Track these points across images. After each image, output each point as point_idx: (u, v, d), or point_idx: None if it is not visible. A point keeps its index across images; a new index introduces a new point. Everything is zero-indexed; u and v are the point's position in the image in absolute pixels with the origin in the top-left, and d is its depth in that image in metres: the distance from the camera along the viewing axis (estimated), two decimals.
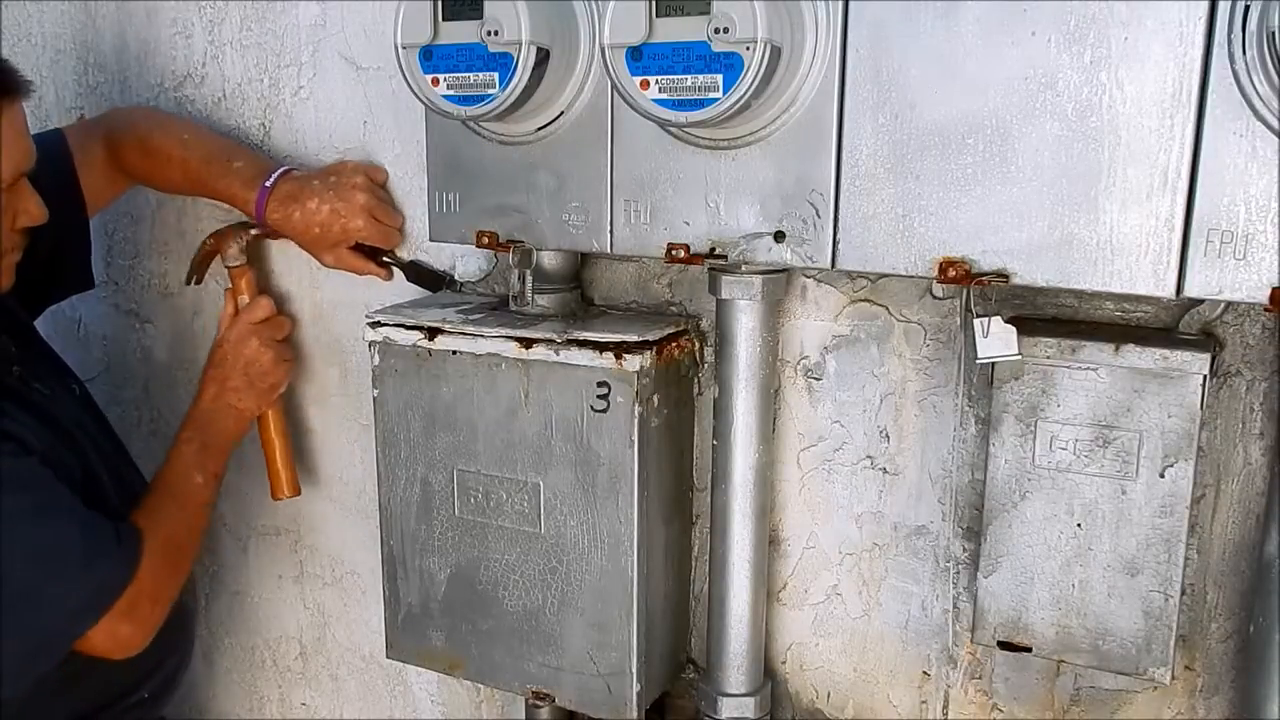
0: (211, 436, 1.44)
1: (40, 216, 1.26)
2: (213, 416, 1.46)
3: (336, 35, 1.49)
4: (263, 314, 1.51)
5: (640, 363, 1.21)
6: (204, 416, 1.45)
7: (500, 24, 1.09)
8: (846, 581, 1.37)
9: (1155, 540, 1.11)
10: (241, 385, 1.47)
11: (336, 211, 1.42)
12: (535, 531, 1.30)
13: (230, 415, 1.47)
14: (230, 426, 1.47)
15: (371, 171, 1.47)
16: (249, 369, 1.48)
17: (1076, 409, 1.11)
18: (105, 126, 1.52)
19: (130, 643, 1.27)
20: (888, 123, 1.04)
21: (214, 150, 1.50)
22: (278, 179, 1.44)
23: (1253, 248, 0.93)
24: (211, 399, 1.46)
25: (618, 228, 1.20)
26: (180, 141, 1.51)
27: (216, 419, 1.46)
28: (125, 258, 1.77)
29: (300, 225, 1.43)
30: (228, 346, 1.48)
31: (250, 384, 1.48)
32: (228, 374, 1.47)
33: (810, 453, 1.35)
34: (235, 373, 1.47)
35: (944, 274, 1.04)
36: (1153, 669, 1.14)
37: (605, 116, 1.18)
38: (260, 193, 1.44)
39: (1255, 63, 0.89)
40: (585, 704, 1.34)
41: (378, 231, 1.45)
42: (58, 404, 1.32)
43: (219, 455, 1.45)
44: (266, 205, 1.44)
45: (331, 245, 1.45)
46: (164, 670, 1.43)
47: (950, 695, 1.34)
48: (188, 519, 1.38)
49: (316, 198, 1.42)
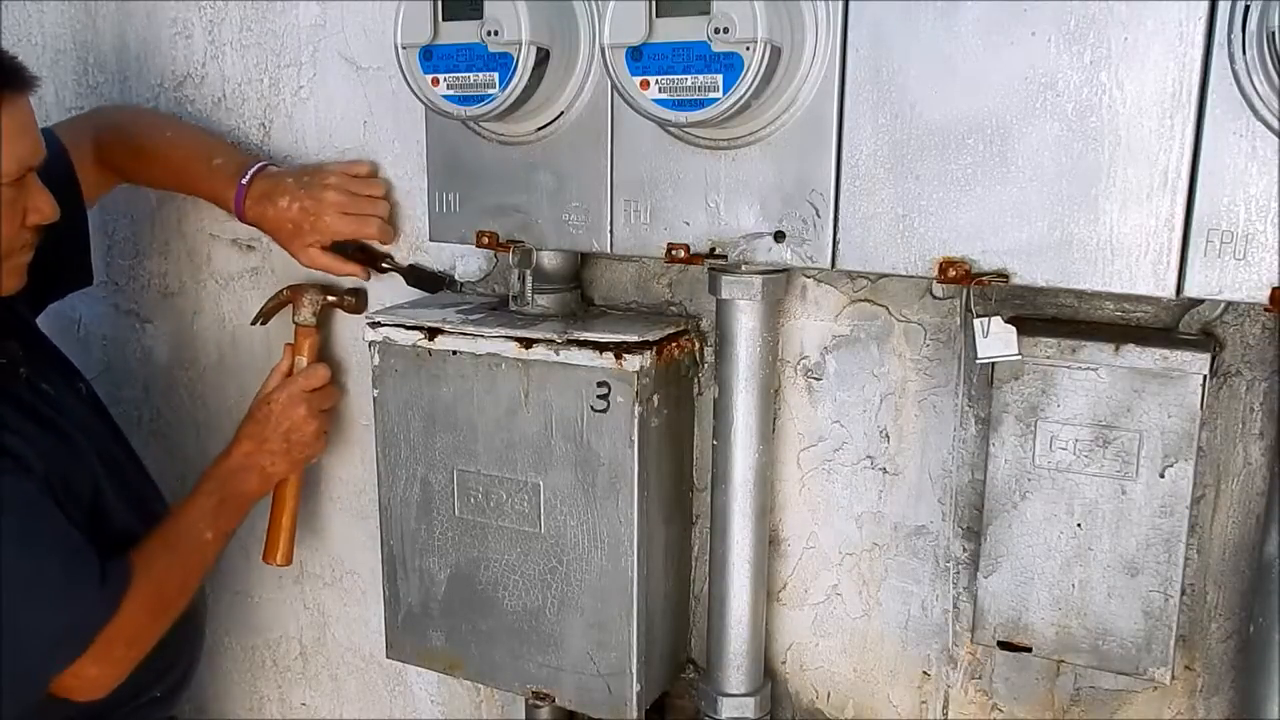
0: (232, 493, 1.41)
1: (52, 214, 1.24)
2: (240, 474, 1.42)
3: (336, 35, 1.49)
4: (319, 382, 1.48)
5: (640, 363, 1.21)
6: (231, 472, 1.42)
7: (500, 24, 1.09)
8: (846, 581, 1.37)
9: (1155, 540, 1.11)
10: (279, 449, 1.44)
11: (306, 210, 1.42)
12: (535, 531, 1.30)
13: (257, 476, 1.43)
14: (254, 487, 1.44)
15: (348, 168, 1.47)
16: (291, 434, 1.44)
17: (1076, 409, 1.11)
18: (93, 124, 1.52)
19: (97, 685, 1.24)
20: (888, 123, 1.04)
21: (197, 148, 1.51)
22: (253, 176, 1.45)
23: (1253, 248, 0.93)
24: (244, 455, 1.43)
25: (618, 228, 1.20)
26: (165, 140, 1.52)
27: (243, 477, 1.42)
28: (125, 258, 1.77)
29: (274, 222, 1.43)
30: (276, 406, 1.44)
31: (288, 450, 1.45)
32: (268, 434, 1.43)
33: (810, 453, 1.35)
34: (276, 435, 1.43)
35: (944, 274, 1.04)
36: (1153, 669, 1.14)
37: (605, 116, 1.18)
38: (238, 190, 1.44)
39: (1255, 63, 0.89)
40: (585, 704, 1.34)
41: (351, 224, 1.44)
42: (64, 405, 1.32)
43: (235, 514, 1.42)
44: (245, 202, 1.44)
45: (305, 244, 1.44)
46: (177, 669, 1.43)
47: (950, 695, 1.34)
48: (184, 574, 1.34)
49: (288, 195, 1.43)
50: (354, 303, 1.54)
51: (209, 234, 1.68)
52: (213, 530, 1.37)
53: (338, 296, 1.55)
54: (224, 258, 1.69)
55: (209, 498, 1.38)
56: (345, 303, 1.55)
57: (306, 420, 1.45)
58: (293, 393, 1.45)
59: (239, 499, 1.42)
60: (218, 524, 1.38)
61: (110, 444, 1.41)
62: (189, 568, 1.35)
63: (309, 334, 1.53)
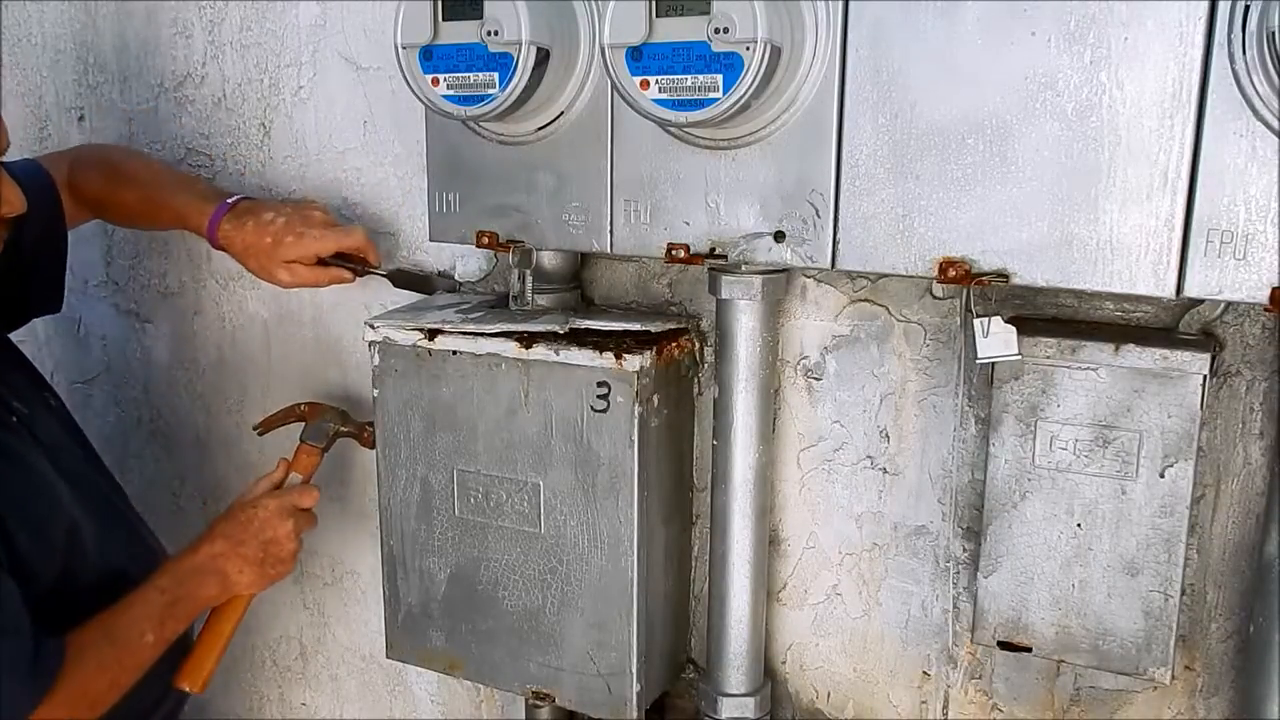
0: (186, 595, 1.29)
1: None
2: (201, 576, 1.31)
3: (336, 35, 1.49)
4: (309, 503, 1.40)
5: (640, 363, 1.21)
6: (192, 572, 1.31)
7: (500, 24, 1.09)
8: (846, 581, 1.37)
9: (1155, 540, 1.11)
10: (253, 557, 1.34)
11: (291, 223, 1.38)
12: (535, 531, 1.30)
13: (218, 582, 1.33)
14: (212, 593, 1.33)
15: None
16: (270, 546, 1.35)
17: (1076, 409, 1.11)
18: (70, 156, 1.50)
19: None
20: (888, 123, 1.04)
21: (174, 174, 1.51)
22: (239, 199, 1.43)
23: (1253, 248, 0.93)
24: (212, 556, 1.32)
25: (618, 228, 1.20)
26: (143, 164, 1.51)
27: (203, 580, 1.31)
28: (125, 258, 1.77)
29: (252, 235, 1.38)
30: (262, 512, 1.35)
31: (262, 561, 1.35)
32: (246, 539, 1.34)
33: (810, 453, 1.35)
34: (255, 542, 1.34)
35: (944, 274, 1.04)
36: (1153, 669, 1.14)
37: (605, 116, 1.18)
38: (220, 207, 1.41)
39: (1255, 63, 0.89)
40: (585, 704, 1.34)
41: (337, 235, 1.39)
42: (37, 424, 1.27)
43: (184, 619, 1.30)
44: (221, 219, 1.40)
45: (286, 259, 1.38)
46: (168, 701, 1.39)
47: (950, 695, 1.34)
48: (115, 674, 1.22)
49: (273, 210, 1.40)
50: (372, 435, 1.42)
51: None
52: (155, 634, 1.25)
53: (355, 427, 1.48)
54: (224, 257, 1.67)
55: (161, 595, 1.27)
56: (365, 435, 1.46)
57: (289, 537, 1.36)
58: (284, 504, 1.37)
59: (191, 603, 1.31)
60: (163, 627, 1.26)
61: (83, 466, 1.35)
62: (122, 668, 1.23)
63: (312, 454, 1.46)
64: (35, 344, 1.83)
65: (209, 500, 1.82)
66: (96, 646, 1.20)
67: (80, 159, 1.49)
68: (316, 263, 1.40)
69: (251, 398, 1.73)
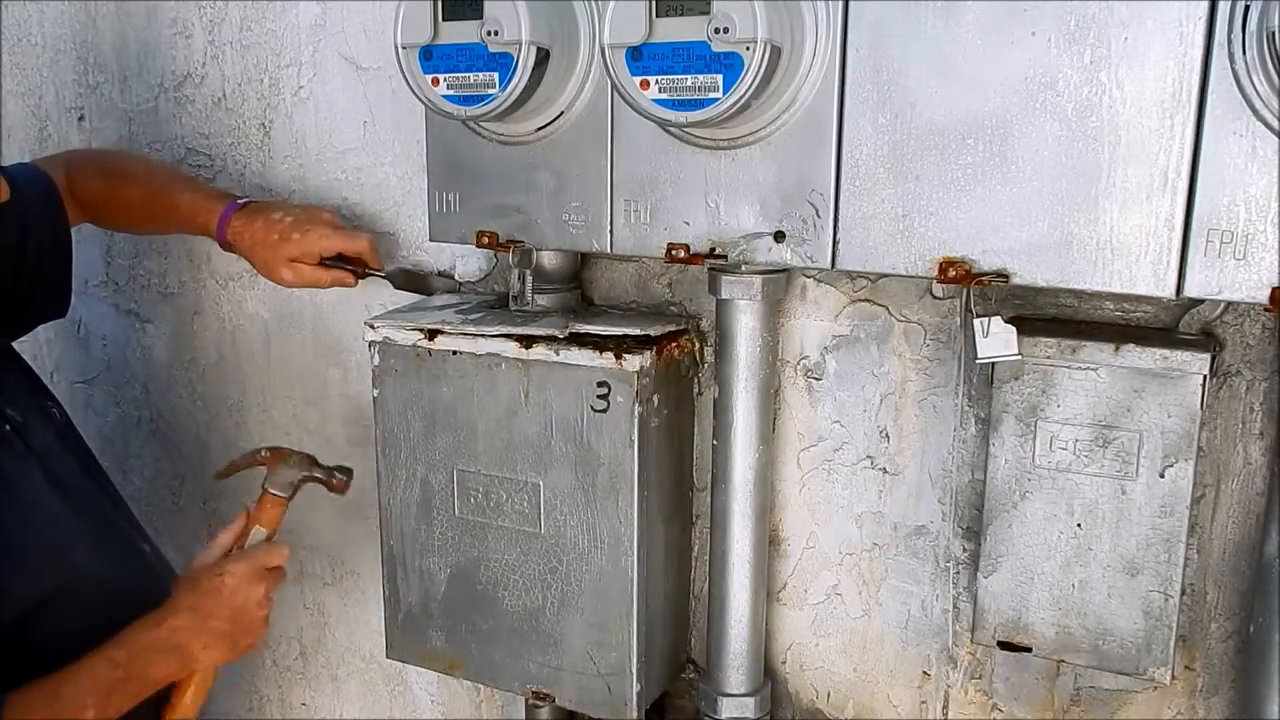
0: (138, 674, 1.17)
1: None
2: (158, 655, 1.19)
3: (336, 35, 1.49)
4: (279, 563, 1.29)
5: (640, 363, 1.21)
6: (148, 648, 1.18)
7: (500, 24, 1.09)
8: (846, 581, 1.37)
9: (1155, 540, 1.11)
10: (222, 630, 1.22)
11: (299, 221, 1.39)
12: (535, 531, 1.30)
13: (178, 659, 1.20)
14: (169, 672, 1.21)
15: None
16: (240, 616, 1.23)
17: (1076, 409, 1.11)
18: (65, 159, 1.48)
19: None
20: (888, 123, 1.04)
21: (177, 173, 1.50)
22: (250, 199, 1.44)
23: (1252, 248, 0.93)
24: (173, 630, 1.19)
25: (618, 228, 1.20)
26: (142, 163, 1.50)
27: (159, 660, 1.19)
28: (125, 258, 1.77)
29: (260, 231, 1.38)
30: (230, 580, 1.23)
31: (229, 635, 1.22)
32: (215, 610, 1.21)
33: (810, 453, 1.35)
34: (224, 612, 1.22)
35: (944, 274, 1.04)
36: (1153, 669, 1.14)
37: (605, 116, 1.18)
38: (231, 205, 1.41)
39: (1255, 63, 0.89)
40: (585, 704, 1.34)
41: (343, 237, 1.40)
42: (31, 432, 1.22)
43: (133, 697, 1.17)
44: (232, 216, 1.40)
45: (290, 256, 1.38)
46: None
47: (950, 695, 1.34)
48: None
49: (282, 210, 1.41)
50: (342, 482, 1.37)
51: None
52: (98, 709, 1.13)
53: (324, 473, 1.37)
54: (224, 258, 1.68)
55: (112, 669, 1.15)
56: (334, 482, 1.37)
57: (260, 604, 1.25)
58: (253, 567, 1.25)
59: (142, 682, 1.18)
60: (108, 704, 1.15)
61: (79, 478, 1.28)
62: None
63: (278, 505, 1.34)
64: (35, 344, 1.83)
65: (209, 500, 1.82)
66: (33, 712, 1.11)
67: (76, 161, 1.48)
68: (320, 264, 1.40)
69: (251, 398, 1.73)
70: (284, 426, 1.70)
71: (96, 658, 1.16)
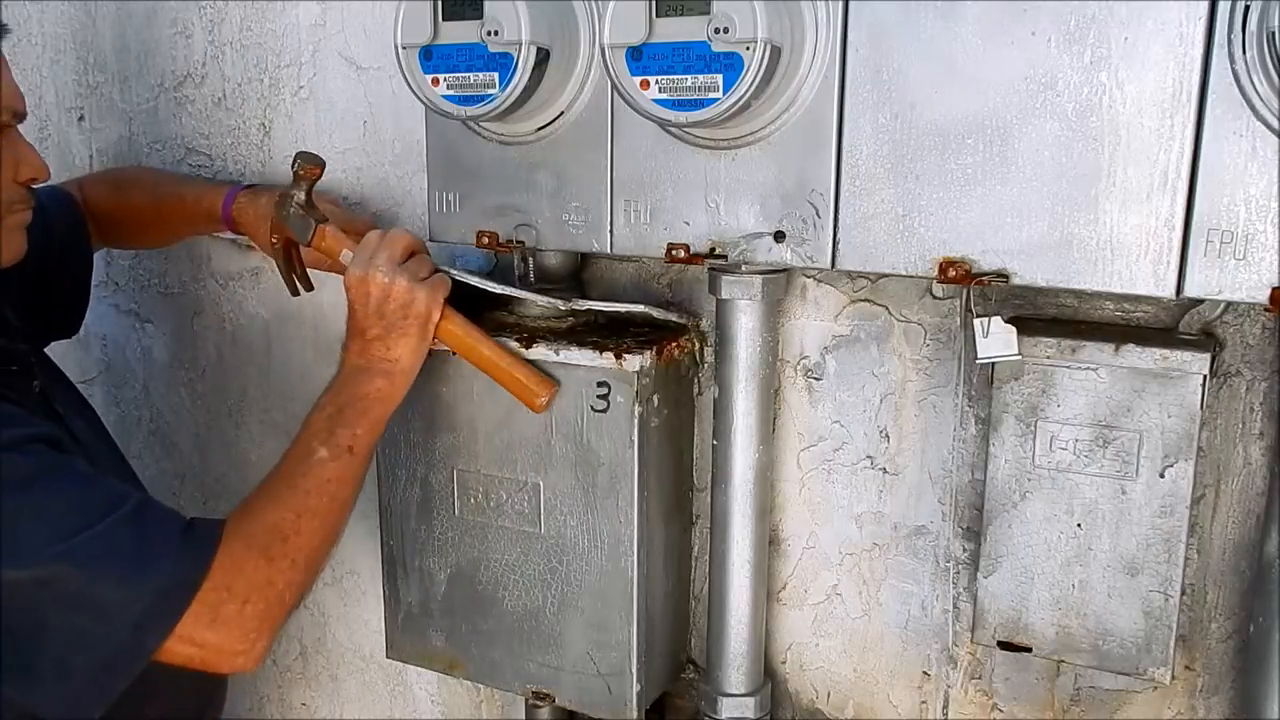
0: (351, 398, 1.18)
1: (42, 169, 1.18)
2: (356, 375, 1.20)
3: (336, 35, 1.49)
4: (371, 249, 1.21)
5: (640, 363, 1.21)
6: (346, 377, 1.21)
7: (500, 24, 1.09)
8: (846, 581, 1.37)
9: (1155, 540, 1.11)
10: (380, 331, 1.20)
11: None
12: (535, 531, 1.30)
13: (379, 373, 1.20)
14: (381, 386, 1.20)
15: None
16: (382, 308, 1.19)
17: (1076, 409, 1.11)
18: (79, 180, 1.54)
19: (223, 650, 1.07)
20: (888, 123, 1.04)
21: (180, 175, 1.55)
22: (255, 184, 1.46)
23: (1253, 248, 0.93)
24: (356, 355, 1.21)
25: (618, 228, 1.20)
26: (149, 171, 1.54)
27: (360, 378, 1.20)
28: (125, 257, 1.77)
29: (265, 206, 1.36)
30: (351, 294, 1.21)
31: (388, 328, 1.19)
32: (362, 324, 1.20)
33: (810, 453, 1.35)
34: (370, 318, 1.20)
35: (944, 274, 1.04)
36: (1153, 669, 1.14)
37: (605, 116, 1.18)
38: (235, 187, 1.45)
39: (1255, 63, 0.89)
40: (585, 704, 1.34)
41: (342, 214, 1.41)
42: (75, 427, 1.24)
43: (357, 420, 1.18)
44: (237, 194, 1.43)
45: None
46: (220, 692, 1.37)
47: (950, 695, 1.34)
48: (300, 500, 1.12)
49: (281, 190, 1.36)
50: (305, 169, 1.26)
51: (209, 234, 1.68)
52: (327, 446, 1.15)
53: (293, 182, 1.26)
54: (224, 258, 1.69)
55: (320, 413, 1.18)
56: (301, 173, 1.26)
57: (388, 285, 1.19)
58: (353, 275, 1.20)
59: (360, 402, 1.18)
60: (335, 435, 1.16)
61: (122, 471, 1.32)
62: (306, 491, 1.13)
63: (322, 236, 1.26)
64: None
65: (209, 500, 1.82)
66: (266, 490, 1.14)
67: (87, 179, 1.53)
68: None
69: (251, 398, 1.73)
70: (284, 426, 1.70)
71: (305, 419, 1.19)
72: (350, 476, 1.17)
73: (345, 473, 1.16)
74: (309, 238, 1.26)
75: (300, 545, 1.11)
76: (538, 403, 1.24)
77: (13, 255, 1.17)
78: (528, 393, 1.24)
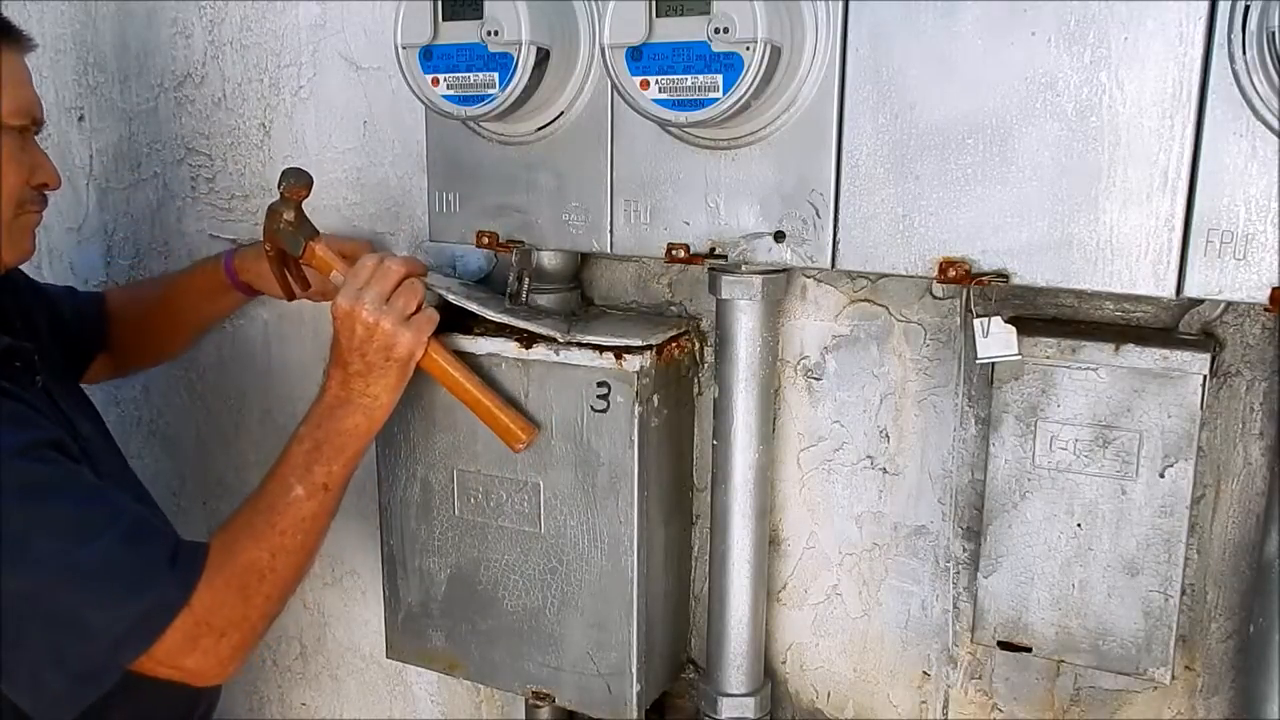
0: (328, 434, 1.19)
1: (55, 179, 1.22)
2: (334, 411, 1.20)
3: (336, 35, 1.49)
4: (362, 280, 1.20)
5: (640, 363, 1.21)
6: (323, 411, 1.21)
7: (500, 24, 1.09)
8: (846, 581, 1.37)
9: (1155, 540, 1.11)
10: (362, 368, 1.19)
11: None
12: (535, 531, 1.30)
13: (359, 409, 1.20)
14: (358, 422, 1.20)
15: None
16: (364, 348, 1.19)
17: (1076, 409, 1.11)
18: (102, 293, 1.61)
19: (201, 675, 1.12)
20: (888, 123, 1.04)
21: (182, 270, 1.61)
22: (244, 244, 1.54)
23: (1253, 248, 0.93)
24: (338, 386, 1.21)
25: (618, 228, 1.20)
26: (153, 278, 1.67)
27: (339, 413, 1.20)
28: (125, 257, 1.77)
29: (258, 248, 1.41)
30: (336, 324, 1.20)
31: (369, 366, 1.19)
32: (345, 357, 1.20)
33: (810, 453, 1.35)
34: (353, 354, 1.19)
35: (944, 274, 1.04)
36: (1153, 669, 1.14)
37: (605, 116, 1.18)
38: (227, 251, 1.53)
39: (1255, 63, 0.89)
40: (585, 704, 1.34)
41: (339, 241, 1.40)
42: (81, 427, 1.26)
43: (334, 457, 1.19)
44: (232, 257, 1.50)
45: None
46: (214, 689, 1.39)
47: (950, 695, 1.34)
48: (276, 540, 1.15)
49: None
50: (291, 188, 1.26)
51: (209, 234, 1.68)
52: (304, 484, 1.17)
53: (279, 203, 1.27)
54: None
55: (298, 445, 1.19)
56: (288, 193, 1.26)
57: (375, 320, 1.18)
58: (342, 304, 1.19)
59: (338, 439, 1.19)
60: (311, 473, 1.18)
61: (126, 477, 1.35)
62: (282, 531, 1.15)
63: (312, 253, 1.26)
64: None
65: (209, 500, 1.82)
66: (245, 524, 1.16)
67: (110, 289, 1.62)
68: None
69: (251, 398, 1.73)
70: (284, 426, 1.69)
71: (283, 450, 1.21)
72: (325, 511, 1.21)
73: (320, 508, 1.19)
74: (300, 252, 1.27)
75: (275, 581, 1.16)
76: (518, 446, 1.26)
77: (21, 255, 1.22)
78: (509, 434, 1.26)
